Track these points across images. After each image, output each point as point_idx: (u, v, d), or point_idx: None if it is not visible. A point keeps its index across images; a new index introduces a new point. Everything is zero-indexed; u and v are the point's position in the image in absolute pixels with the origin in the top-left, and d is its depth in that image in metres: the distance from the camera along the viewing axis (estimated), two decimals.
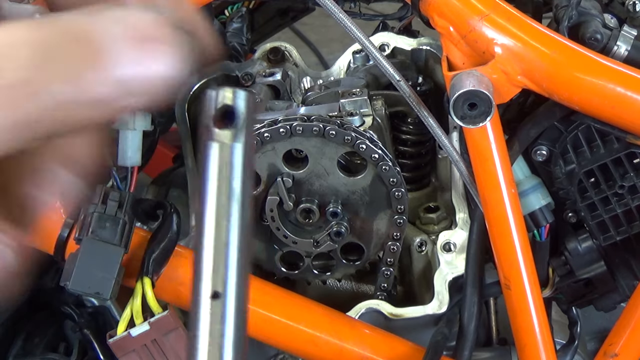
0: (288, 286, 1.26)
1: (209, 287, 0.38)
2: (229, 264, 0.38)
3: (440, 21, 1.05)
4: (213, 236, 0.38)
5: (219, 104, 0.38)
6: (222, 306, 0.38)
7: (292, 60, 1.42)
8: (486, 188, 1.09)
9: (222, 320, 0.38)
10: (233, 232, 0.39)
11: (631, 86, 1.01)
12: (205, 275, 0.38)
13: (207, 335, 0.37)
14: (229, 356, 0.37)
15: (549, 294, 1.21)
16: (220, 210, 0.39)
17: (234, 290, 0.38)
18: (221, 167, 0.39)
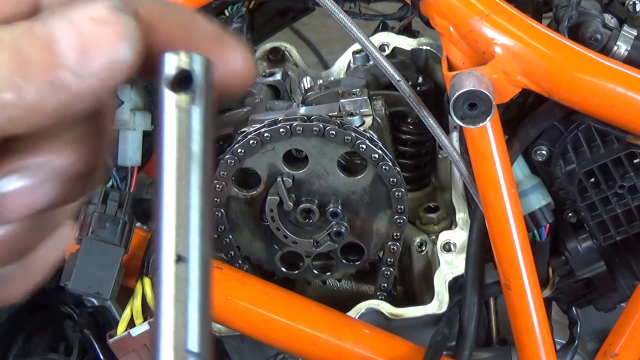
0: (288, 286, 1.26)
1: (172, 252, 0.37)
2: (190, 227, 0.38)
3: (440, 21, 1.05)
4: (174, 200, 0.38)
5: (175, 67, 0.38)
6: (186, 270, 0.37)
7: (292, 60, 1.42)
8: (486, 188, 1.09)
9: (187, 283, 0.37)
10: (194, 195, 0.38)
11: (631, 86, 1.01)
12: (167, 239, 0.37)
13: (172, 299, 0.37)
14: (195, 320, 0.37)
15: (549, 294, 1.21)
16: (180, 175, 0.38)
17: (197, 253, 0.37)
18: (180, 131, 0.38)
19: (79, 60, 0.35)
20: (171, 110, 0.38)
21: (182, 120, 0.38)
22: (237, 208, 1.21)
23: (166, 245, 0.37)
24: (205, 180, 0.38)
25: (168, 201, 0.38)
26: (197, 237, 0.38)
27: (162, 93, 0.38)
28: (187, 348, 0.36)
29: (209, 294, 0.38)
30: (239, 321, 1.20)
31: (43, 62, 0.35)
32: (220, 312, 1.20)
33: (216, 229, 1.23)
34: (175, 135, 0.38)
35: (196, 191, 0.38)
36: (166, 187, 0.38)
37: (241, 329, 1.22)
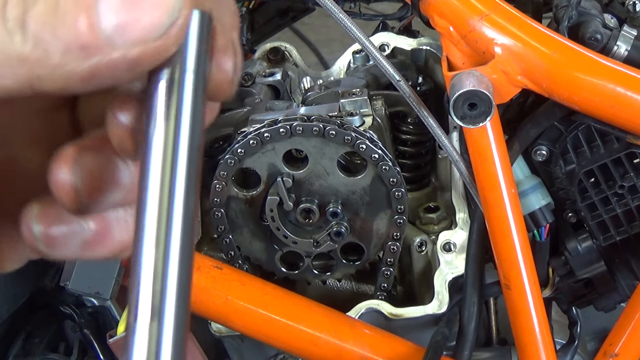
0: (288, 286, 1.26)
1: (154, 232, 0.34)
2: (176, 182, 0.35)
3: (440, 21, 1.05)
4: (158, 182, 0.34)
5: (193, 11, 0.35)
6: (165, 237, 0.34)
7: (292, 60, 1.42)
8: (486, 188, 1.09)
9: (167, 233, 0.35)
10: (181, 165, 0.35)
11: (631, 86, 1.01)
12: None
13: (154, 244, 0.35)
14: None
15: (549, 294, 1.21)
16: (167, 141, 0.35)
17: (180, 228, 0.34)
18: (169, 98, 0.35)
19: (116, 24, 0.33)
20: (162, 86, 0.35)
21: (173, 87, 0.35)
22: (237, 208, 1.21)
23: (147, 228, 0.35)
24: (195, 145, 0.35)
25: (152, 183, 0.35)
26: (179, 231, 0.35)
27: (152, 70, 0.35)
28: None
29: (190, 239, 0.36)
30: (239, 321, 1.20)
31: (77, 21, 0.33)
32: (220, 312, 1.20)
33: (216, 229, 1.23)
34: (164, 105, 0.35)
35: (184, 159, 0.35)
36: (153, 155, 0.35)
37: (241, 329, 1.22)
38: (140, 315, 0.34)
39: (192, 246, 0.36)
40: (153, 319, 0.34)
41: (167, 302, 0.34)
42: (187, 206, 0.35)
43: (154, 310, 0.34)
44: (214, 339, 1.31)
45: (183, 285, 0.35)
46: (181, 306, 0.34)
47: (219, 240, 1.24)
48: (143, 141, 0.35)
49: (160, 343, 0.33)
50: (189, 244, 0.35)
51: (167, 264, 0.34)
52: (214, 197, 1.19)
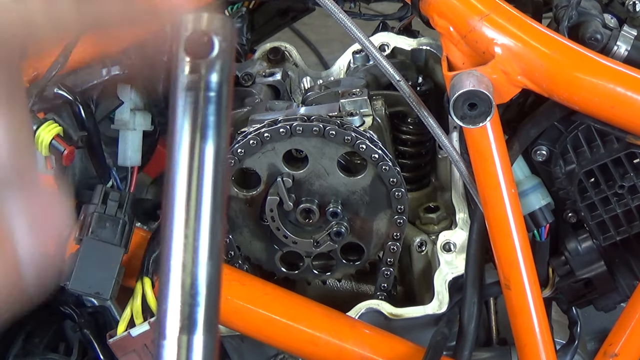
0: (288, 286, 1.26)
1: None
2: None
3: (440, 21, 1.05)
4: (185, 189, 0.34)
5: (194, 30, 0.34)
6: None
7: (292, 60, 1.42)
8: (486, 188, 1.09)
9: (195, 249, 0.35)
10: (207, 178, 0.35)
11: (631, 86, 1.01)
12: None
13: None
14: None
15: (549, 294, 1.21)
16: (193, 151, 0.34)
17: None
18: (195, 100, 0.34)
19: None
20: (186, 78, 0.34)
21: (197, 90, 0.34)
22: (237, 208, 1.21)
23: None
24: (221, 157, 0.36)
25: (180, 186, 0.35)
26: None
27: (178, 58, 0.34)
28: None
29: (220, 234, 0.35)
30: (239, 321, 1.20)
31: None
32: (220, 312, 1.20)
33: None
34: (191, 107, 0.34)
35: (210, 172, 0.35)
36: (179, 167, 0.35)
37: (241, 329, 1.22)
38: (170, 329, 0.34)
39: (221, 261, 0.36)
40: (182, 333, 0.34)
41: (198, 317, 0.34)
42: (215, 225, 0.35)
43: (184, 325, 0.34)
44: None
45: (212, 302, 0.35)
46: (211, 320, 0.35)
47: None
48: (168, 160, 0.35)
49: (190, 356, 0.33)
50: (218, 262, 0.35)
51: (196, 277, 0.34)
52: None
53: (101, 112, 1.23)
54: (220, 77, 0.34)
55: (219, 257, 0.35)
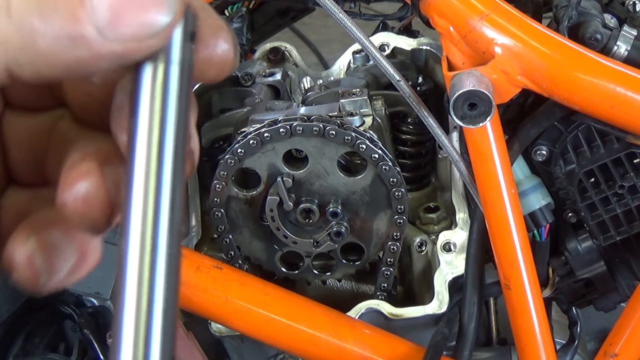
0: (288, 286, 1.26)
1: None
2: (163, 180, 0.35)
3: (440, 21, 1.05)
4: (143, 177, 0.34)
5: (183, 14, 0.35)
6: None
7: (292, 60, 1.42)
8: (486, 188, 1.09)
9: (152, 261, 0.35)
10: (167, 164, 0.35)
11: (631, 86, 1.01)
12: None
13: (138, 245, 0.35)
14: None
15: (549, 294, 1.21)
16: (152, 131, 0.35)
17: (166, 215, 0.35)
18: (154, 89, 0.35)
19: (110, 19, 0.33)
20: (146, 66, 0.35)
21: (157, 78, 0.35)
22: (237, 208, 1.21)
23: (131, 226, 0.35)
24: (180, 139, 0.35)
25: (137, 177, 0.35)
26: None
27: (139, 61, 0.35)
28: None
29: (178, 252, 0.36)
30: (239, 321, 1.20)
31: (69, 8, 0.32)
32: (220, 312, 1.20)
33: (216, 229, 1.23)
34: (149, 94, 0.35)
35: (169, 157, 0.35)
36: (137, 154, 0.35)
37: (241, 329, 1.22)
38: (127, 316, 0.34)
39: (179, 242, 0.36)
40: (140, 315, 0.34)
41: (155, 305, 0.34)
42: (174, 202, 0.35)
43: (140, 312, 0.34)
44: (214, 339, 1.31)
45: (170, 287, 0.35)
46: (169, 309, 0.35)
47: (219, 240, 1.24)
48: (129, 132, 0.36)
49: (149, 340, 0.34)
50: (176, 241, 0.35)
51: (154, 267, 0.35)
52: (214, 197, 1.19)
53: None
54: (182, 66, 0.36)
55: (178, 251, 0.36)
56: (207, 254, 1.29)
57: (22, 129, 0.42)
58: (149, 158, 0.35)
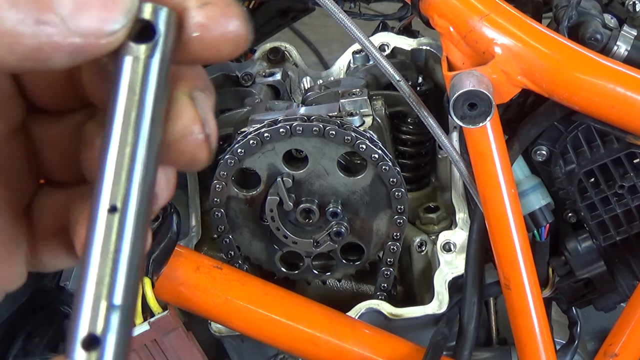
0: (288, 286, 1.26)
1: (107, 201, 0.36)
2: (131, 178, 0.37)
3: (440, 21, 1.05)
4: (117, 150, 0.37)
5: (138, 17, 0.37)
6: (119, 221, 0.36)
7: (292, 60, 1.42)
8: (486, 188, 1.09)
9: (118, 235, 0.36)
10: (140, 148, 0.37)
11: (631, 86, 1.01)
12: (104, 188, 0.37)
13: (100, 250, 0.36)
14: (121, 272, 0.36)
15: (549, 294, 1.21)
16: (127, 125, 0.37)
17: (133, 205, 0.37)
18: (133, 82, 0.37)
19: (73, 10, 0.35)
20: (127, 60, 0.37)
21: (136, 71, 0.37)
22: (237, 208, 1.21)
23: (102, 194, 0.37)
24: (154, 134, 0.37)
25: (112, 151, 0.37)
26: (136, 189, 0.37)
27: (124, 43, 0.37)
28: (110, 300, 0.36)
29: (141, 248, 0.37)
30: (239, 321, 1.20)
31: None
32: (220, 312, 1.20)
33: (216, 229, 1.23)
34: (127, 87, 0.37)
35: (143, 145, 0.37)
36: (112, 136, 0.37)
37: (241, 329, 1.22)
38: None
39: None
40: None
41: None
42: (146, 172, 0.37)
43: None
44: (214, 339, 1.31)
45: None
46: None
47: (219, 240, 1.24)
48: (107, 113, 0.37)
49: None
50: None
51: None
52: (214, 197, 1.19)
53: None
54: (161, 62, 0.37)
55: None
56: (207, 254, 1.29)
57: (51, 132, 0.43)
58: (126, 119, 0.37)
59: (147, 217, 0.38)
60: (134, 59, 0.37)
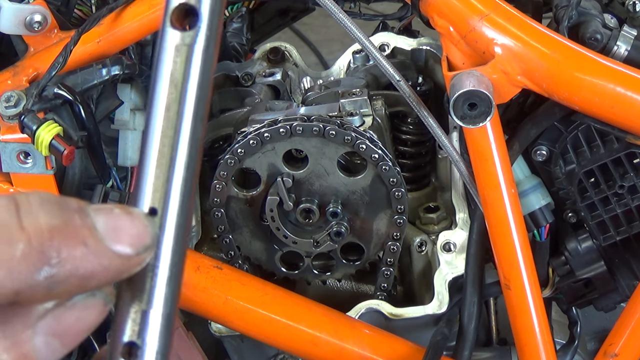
0: (288, 286, 1.26)
1: (148, 203, 0.35)
2: (172, 179, 0.35)
3: (440, 21, 1.05)
4: (158, 149, 0.35)
5: (180, 1, 0.34)
6: (160, 224, 0.35)
7: (292, 60, 1.42)
8: (486, 188, 1.09)
9: (158, 242, 0.36)
10: (182, 145, 0.35)
11: (631, 86, 1.01)
12: (146, 188, 0.35)
13: None
14: (163, 283, 0.35)
15: (549, 294, 1.21)
16: (169, 121, 0.34)
17: (175, 208, 0.35)
18: (175, 72, 0.34)
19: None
20: (169, 48, 0.34)
21: (179, 61, 0.34)
22: (237, 208, 1.21)
23: (144, 194, 0.36)
24: (197, 129, 0.35)
25: (153, 150, 0.35)
26: (178, 191, 0.35)
27: (163, 28, 0.34)
28: (149, 307, 0.36)
29: (182, 254, 0.36)
30: (239, 321, 1.20)
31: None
32: (220, 312, 1.20)
33: (216, 229, 1.23)
34: (169, 77, 0.34)
35: (185, 142, 0.35)
36: (154, 134, 0.35)
37: (241, 329, 1.22)
38: None
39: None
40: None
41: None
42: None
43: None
44: (214, 339, 1.31)
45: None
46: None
47: (219, 240, 1.24)
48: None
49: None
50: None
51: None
52: (214, 197, 1.19)
53: (101, 112, 1.23)
54: (205, 48, 0.34)
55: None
56: (207, 254, 1.29)
57: None
58: (168, 115, 0.35)
59: (188, 219, 0.37)
60: (177, 47, 0.34)
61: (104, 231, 0.37)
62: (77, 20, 1.30)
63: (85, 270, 0.38)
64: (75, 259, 0.38)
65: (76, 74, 1.19)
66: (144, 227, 0.37)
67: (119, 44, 1.22)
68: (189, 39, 0.34)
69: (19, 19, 1.18)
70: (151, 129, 0.35)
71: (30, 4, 1.19)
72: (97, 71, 1.18)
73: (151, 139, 0.35)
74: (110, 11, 1.21)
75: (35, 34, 1.21)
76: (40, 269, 0.37)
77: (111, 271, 0.39)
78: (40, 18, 1.19)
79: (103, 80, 1.18)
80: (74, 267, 0.38)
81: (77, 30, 1.18)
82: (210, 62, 0.35)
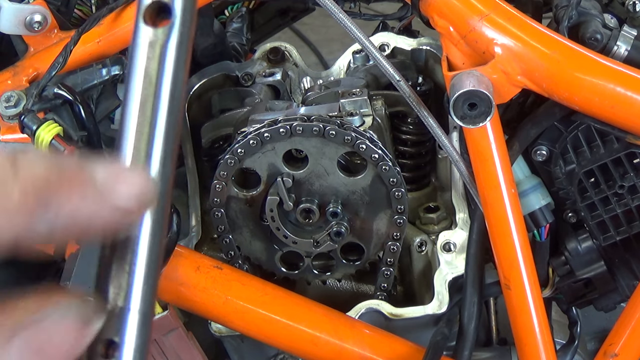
0: (288, 286, 1.26)
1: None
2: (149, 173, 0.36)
3: (440, 21, 1.05)
4: (134, 145, 0.36)
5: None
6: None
7: (292, 60, 1.42)
8: (486, 188, 1.09)
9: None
10: (157, 141, 0.36)
11: (631, 86, 1.01)
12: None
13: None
14: (140, 279, 0.36)
15: (549, 294, 1.21)
16: (145, 117, 0.35)
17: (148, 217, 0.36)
18: (149, 68, 0.34)
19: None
20: (142, 44, 0.34)
21: (153, 57, 0.34)
22: (237, 208, 1.21)
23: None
24: (172, 123, 0.36)
25: (128, 146, 0.36)
26: (159, 183, 0.36)
27: (137, 25, 0.34)
28: (127, 305, 0.36)
29: (158, 245, 0.36)
30: (239, 321, 1.20)
31: None
32: (220, 312, 1.20)
33: (216, 229, 1.23)
34: (143, 73, 0.35)
35: (160, 137, 0.36)
36: (129, 131, 0.36)
37: (241, 329, 1.22)
38: None
39: None
40: None
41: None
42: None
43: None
44: (214, 339, 1.31)
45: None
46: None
47: (219, 240, 1.24)
48: None
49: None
50: None
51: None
52: (214, 197, 1.19)
53: (101, 112, 1.23)
54: (179, 44, 0.35)
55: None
56: (207, 254, 1.29)
57: None
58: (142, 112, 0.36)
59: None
60: (150, 43, 0.34)
61: (103, 181, 0.38)
62: (77, 20, 1.31)
63: (83, 217, 0.39)
64: (73, 205, 0.38)
65: (76, 74, 1.19)
66: (145, 181, 0.38)
67: (119, 44, 1.22)
68: (162, 35, 0.35)
69: (19, 19, 1.18)
70: (126, 126, 0.36)
71: (30, 4, 1.20)
72: (97, 71, 1.18)
73: (126, 136, 0.36)
74: (110, 11, 1.21)
75: (35, 34, 1.21)
76: (38, 215, 0.38)
77: (110, 221, 0.39)
78: (40, 18, 1.19)
79: (103, 80, 1.19)
80: (71, 214, 0.38)
81: (77, 30, 1.18)
82: (184, 58, 0.36)
